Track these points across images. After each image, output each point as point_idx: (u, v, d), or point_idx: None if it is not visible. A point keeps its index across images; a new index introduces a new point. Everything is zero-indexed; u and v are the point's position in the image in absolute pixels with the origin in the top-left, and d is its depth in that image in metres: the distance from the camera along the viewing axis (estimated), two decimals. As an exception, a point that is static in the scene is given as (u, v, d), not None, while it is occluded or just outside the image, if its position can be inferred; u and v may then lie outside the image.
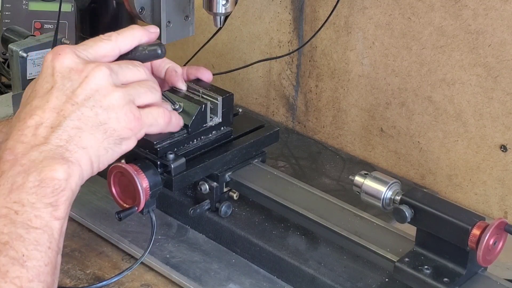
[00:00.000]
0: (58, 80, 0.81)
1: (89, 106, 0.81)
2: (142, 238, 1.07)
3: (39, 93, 0.81)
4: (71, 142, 0.78)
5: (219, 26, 1.12)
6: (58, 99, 0.80)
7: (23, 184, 0.74)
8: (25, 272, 0.71)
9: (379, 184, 0.95)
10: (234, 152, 1.07)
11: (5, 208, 0.73)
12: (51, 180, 0.75)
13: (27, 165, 0.75)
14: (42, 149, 0.76)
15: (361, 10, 1.29)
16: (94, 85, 0.81)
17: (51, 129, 0.78)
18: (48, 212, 0.74)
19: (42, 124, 0.78)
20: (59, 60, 0.82)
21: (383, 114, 1.32)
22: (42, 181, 0.75)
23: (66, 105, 0.80)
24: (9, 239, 0.72)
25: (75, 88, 0.81)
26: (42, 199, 0.74)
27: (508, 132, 1.18)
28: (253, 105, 1.53)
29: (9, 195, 0.74)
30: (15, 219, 0.73)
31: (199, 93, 1.03)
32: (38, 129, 0.78)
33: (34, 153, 0.76)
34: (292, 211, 1.02)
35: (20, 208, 0.73)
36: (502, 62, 1.15)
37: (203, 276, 1.02)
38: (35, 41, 1.31)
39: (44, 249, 0.73)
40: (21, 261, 0.71)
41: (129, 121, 0.84)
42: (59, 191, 0.75)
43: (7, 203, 0.73)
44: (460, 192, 1.26)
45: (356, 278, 0.97)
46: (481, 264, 0.88)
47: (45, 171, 0.75)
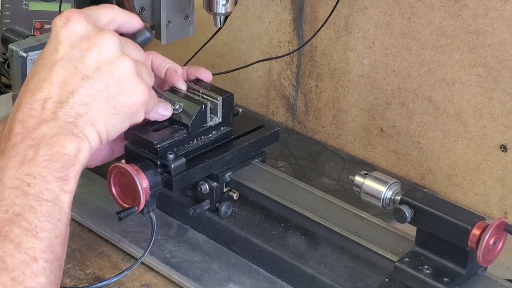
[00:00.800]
0: (67, 50, 0.79)
1: (99, 79, 0.79)
2: (142, 238, 1.07)
3: (48, 63, 0.79)
4: (80, 118, 0.78)
5: (219, 26, 1.12)
6: (66, 71, 0.78)
7: (34, 157, 0.74)
8: (38, 243, 0.72)
9: (379, 184, 0.95)
10: (234, 152, 1.07)
11: (17, 180, 0.73)
12: (62, 156, 0.75)
13: (38, 139, 0.75)
14: (52, 125, 0.76)
15: (361, 10, 1.29)
16: (105, 55, 0.80)
17: (59, 104, 0.77)
18: (59, 185, 0.75)
19: (50, 98, 0.77)
20: (69, 27, 0.80)
21: (383, 114, 1.32)
22: (53, 156, 0.75)
23: (74, 78, 0.78)
24: (22, 211, 0.72)
25: (84, 58, 0.79)
26: (53, 173, 0.75)
27: (508, 132, 1.18)
28: (253, 105, 1.53)
29: (20, 167, 0.74)
30: (27, 190, 0.73)
31: (199, 93, 1.03)
32: (46, 104, 0.77)
33: (44, 128, 0.76)
34: (292, 211, 1.02)
35: (32, 180, 0.74)
36: (502, 62, 1.15)
37: (203, 276, 1.02)
38: (35, 41, 1.31)
39: (55, 221, 0.74)
40: (34, 232, 0.72)
41: (139, 93, 0.83)
42: (69, 166, 0.76)
43: (19, 175, 0.74)
44: (460, 192, 1.26)
45: (356, 278, 0.97)
46: (481, 264, 0.88)
47: (56, 146, 0.75)
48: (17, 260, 0.70)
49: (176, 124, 1.01)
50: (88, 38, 0.80)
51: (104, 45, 0.80)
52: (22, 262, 0.71)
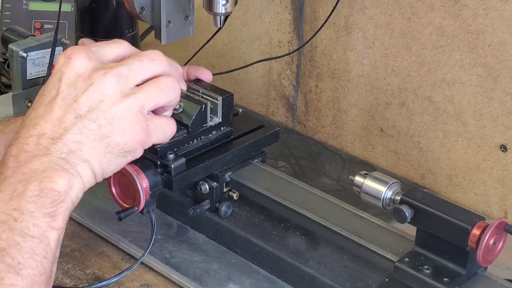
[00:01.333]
0: (64, 88, 0.80)
1: (92, 119, 0.79)
2: (142, 238, 1.07)
3: (45, 100, 0.80)
4: (72, 155, 0.78)
5: (219, 26, 1.12)
6: (61, 109, 0.79)
7: (23, 192, 0.74)
8: (20, 280, 0.71)
9: (379, 184, 0.95)
10: (234, 152, 1.07)
11: (4, 214, 0.73)
12: (51, 191, 0.75)
13: (28, 174, 0.75)
14: (44, 159, 0.76)
15: (361, 10, 1.29)
16: (99, 95, 0.80)
17: (52, 140, 0.77)
18: (46, 222, 0.74)
19: (44, 134, 0.77)
20: (69, 65, 0.80)
21: (383, 114, 1.32)
22: (42, 191, 0.75)
23: (68, 116, 0.78)
24: (6, 246, 0.71)
25: (79, 97, 0.79)
26: (41, 209, 0.74)
27: (508, 132, 1.18)
28: (253, 105, 1.53)
29: (9, 202, 0.74)
30: (13, 226, 0.73)
31: (199, 93, 1.03)
32: (40, 139, 0.77)
33: (36, 163, 0.76)
34: (292, 211, 1.02)
35: (19, 215, 0.73)
36: (502, 62, 1.15)
37: (203, 276, 1.02)
38: (35, 41, 1.31)
39: (39, 259, 0.73)
40: (16, 269, 0.71)
41: (134, 133, 0.82)
42: (58, 202, 0.75)
43: (7, 209, 0.73)
44: (460, 192, 1.26)
45: (356, 278, 0.97)
46: (481, 264, 0.88)
47: (46, 181, 0.75)
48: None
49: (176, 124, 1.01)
50: (84, 77, 0.80)
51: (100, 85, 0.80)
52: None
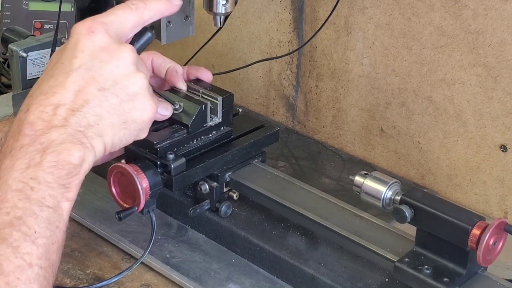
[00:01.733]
0: (88, 59, 0.79)
1: (115, 93, 0.79)
2: (142, 238, 1.07)
3: (65, 68, 0.79)
4: (90, 129, 0.78)
5: (219, 26, 1.12)
6: (84, 80, 0.78)
7: (41, 162, 0.74)
8: (35, 249, 0.72)
9: (379, 184, 0.95)
10: (234, 152, 1.07)
11: (21, 183, 0.73)
12: (68, 164, 0.76)
13: (46, 144, 0.75)
14: (62, 131, 0.76)
15: (361, 10, 1.29)
16: (123, 69, 0.80)
17: (72, 111, 0.77)
18: (61, 193, 0.75)
19: (64, 105, 0.77)
20: (91, 37, 0.80)
21: (383, 114, 1.32)
22: (59, 163, 0.75)
23: (90, 87, 0.78)
24: (23, 214, 0.72)
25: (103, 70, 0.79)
26: (57, 180, 0.75)
27: (508, 132, 1.18)
28: (253, 105, 1.53)
29: (26, 171, 0.74)
30: (30, 195, 0.73)
31: (199, 93, 1.03)
32: (59, 109, 0.77)
33: (54, 134, 0.76)
34: (292, 211, 1.03)
35: (36, 185, 0.74)
36: (502, 62, 1.15)
37: (203, 276, 1.02)
38: (35, 41, 1.31)
39: (53, 228, 0.74)
40: (32, 238, 0.72)
41: (150, 111, 0.83)
42: (73, 174, 0.76)
43: (24, 178, 0.74)
44: (460, 192, 1.26)
45: (356, 278, 0.97)
46: (481, 264, 0.88)
47: (63, 153, 0.75)
48: (13, 264, 0.70)
49: (176, 124, 1.01)
50: (108, 50, 0.80)
51: (123, 59, 0.80)
52: (18, 267, 0.70)
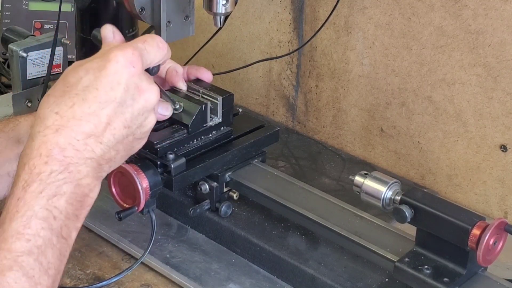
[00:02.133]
0: (122, 94, 0.80)
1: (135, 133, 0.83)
2: (142, 238, 1.07)
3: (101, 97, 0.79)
4: (109, 163, 0.81)
5: (219, 26, 1.12)
6: (115, 115, 0.80)
7: (66, 192, 0.76)
8: (46, 279, 0.73)
9: (379, 184, 0.95)
10: (234, 152, 1.07)
11: (46, 211, 0.74)
12: (84, 196, 0.78)
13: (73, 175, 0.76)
14: (89, 163, 0.78)
15: (361, 10, 1.29)
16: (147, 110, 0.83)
17: (100, 144, 0.79)
18: (73, 223, 0.77)
19: (95, 136, 0.78)
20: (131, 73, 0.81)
21: (383, 114, 1.32)
22: (78, 195, 0.77)
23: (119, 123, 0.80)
24: (43, 244, 0.73)
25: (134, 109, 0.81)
26: (74, 211, 0.76)
27: (508, 132, 1.18)
28: (253, 105, 1.53)
29: (52, 198, 0.75)
30: (52, 224, 0.74)
31: (199, 93, 1.03)
32: (89, 139, 0.78)
33: (82, 165, 0.77)
34: (292, 211, 1.03)
35: (58, 214, 0.75)
36: (502, 62, 1.15)
37: (203, 276, 1.02)
38: (35, 41, 1.31)
39: (62, 259, 0.76)
40: (46, 268, 0.73)
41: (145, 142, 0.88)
42: (86, 205, 0.78)
43: (49, 205, 0.75)
44: (460, 192, 1.26)
45: (356, 278, 0.97)
46: (481, 264, 0.88)
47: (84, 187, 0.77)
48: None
49: (176, 124, 1.01)
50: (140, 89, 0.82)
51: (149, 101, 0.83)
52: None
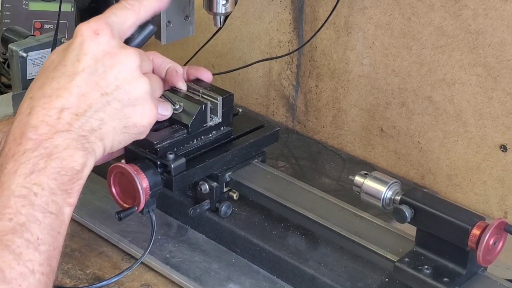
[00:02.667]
0: (91, 63, 0.79)
1: (117, 98, 0.79)
2: (142, 238, 1.07)
3: (68, 70, 0.78)
4: (93, 133, 0.78)
5: (219, 26, 1.12)
6: (87, 85, 0.78)
7: (45, 168, 0.74)
8: (38, 255, 0.72)
9: (379, 184, 0.95)
10: (234, 152, 1.07)
11: (25, 189, 0.73)
12: (71, 170, 0.76)
13: (50, 150, 0.75)
14: (66, 136, 0.76)
15: (361, 10, 1.29)
16: (126, 74, 0.80)
17: (76, 116, 0.77)
18: (63, 198, 0.75)
19: (68, 109, 0.77)
20: (96, 41, 0.79)
21: (383, 114, 1.32)
22: (62, 169, 0.75)
23: (94, 92, 0.78)
24: (26, 221, 0.72)
25: (106, 75, 0.79)
26: (60, 186, 0.75)
27: (508, 132, 1.18)
28: (253, 105, 1.53)
29: (29, 176, 0.74)
30: (33, 201, 0.73)
31: (199, 93, 1.03)
32: (63, 113, 0.76)
33: (58, 139, 0.75)
34: (292, 211, 1.02)
35: (39, 191, 0.73)
36: (502, 62, 1.15)
37: (203, 276, 1.02)
38: (35, 41, 1.31)
39: (55, 234, 0.74)
40: (35, 244, 0.72)
41: (150, 116, 0.83)
42: (75, 180, 0.76)
43: (27, 183, 0.73)
44: (460, 192, 1.26)
45: (356, 278, 0.97)
46: (481, 264, 0.88)
47: (67, 160, 0.75)
48: (16, 271, 0.70)
49: (176, 124, 1.01)
50: (112, 54, 0.80)
51: (126, 64, 0.80)
52: (20, 274, 0.70)
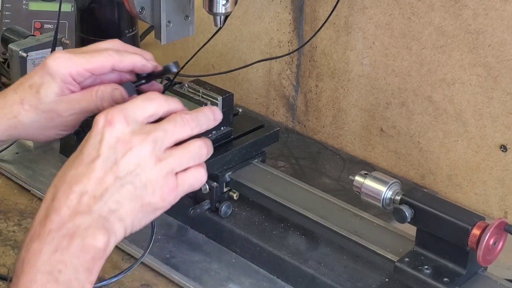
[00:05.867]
0: (105, 150, 0.83)
1: (129, 181, 0.84)
2: (142, 238, 1.07)
3: (85, 160, 0.83)
4: (111, 214, 0.82)
5: (219, 26, 1.12)
6: (102, 170, 0.83)
7: (68, 247, 0.78)
8: None
9: (379, 184, 0.95)
10: (234, 152, 1.07)
11: (49, 266, 0.77)
12: (93, 248, 0.79)
13: (73, 230, 0.79)
14: (86, 217, 0.80)
15: (361, 10, 1.29)
16: (137, 159, 0.84)
17: (94, 199, 0.81)
18: (86, 276, 0.78)
19: (87, 192, 0.81)
20: (109, 129, 0.84)
21: (383, 114, 1.32)
22: (85, 247, 0.79)
23: (108, 176, 0.83)
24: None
25: (119, 160, 0.83)
26: (83, 264, 0.78)
27: (508, 132, 1.18)
28: (253, 105, 1.53)
29: (54, 254, 0.77)
30: (58, 277, 0.77)
31: (199, 93, 1.03)
32: (83, 197, 0.81)
33: (79, 220, 0.80)
34: (292, 211, 1.02)
35: (63, 268, 0.77)
36: (502, 62, 1.15)
37: (203, 276, 1.02)
38: (35, 41, 1.31)
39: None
40: None
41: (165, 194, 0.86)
42: (97, 258, 0.79)
43: (52, 261, 0.77)
44: (460, 192, 1.26)
45: (356, 278, 0.97)
46: (481, 264, 0.88)
47: (89, 238, 0.79)
48: None
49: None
50: (124, 141, 0.84)
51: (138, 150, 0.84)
52: None
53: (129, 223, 0.84)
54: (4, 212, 1.16)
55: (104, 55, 0.95)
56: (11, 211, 1.17)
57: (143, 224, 0.87)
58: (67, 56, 0.96)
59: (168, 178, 0.86)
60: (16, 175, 1.24)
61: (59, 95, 0.96)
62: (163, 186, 0.86)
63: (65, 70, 0.95)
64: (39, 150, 1.31)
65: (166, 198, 0.86)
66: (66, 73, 0.95)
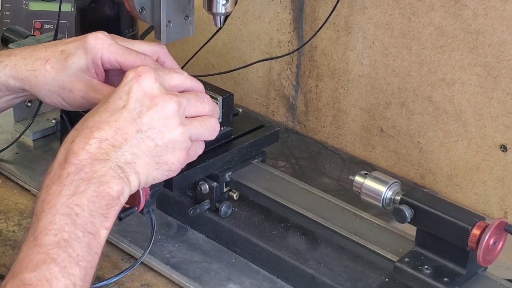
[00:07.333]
0: (131, 102, 0.86)
1: (150, 136, 0.86)
2: (142, 238, 1.08)
3: (110, 108, 0.86)
4: (127, 165, 0.84)
5: (219, 26, 1.12)
6: (125, 120, 0.85)
7: (85, 191, 0.80)
8: (78, 270, 0.76)
9: (379, 184, 0.95)
10: (234, 152, 1.07)
11: (68, 208, 0.79)
12: (107, 195, 0.81)
13: (90, 175, 0.81)
14: (103, 164, 0.82)
15: (361, 10, 1.29)
16: (161, 116, 0.86)
17: (113, 147, 0.83)
18: (100, 221, 0.80)
19: (107, 140, 0.83)
20: (138, 82, 0.87)
21: (383, 114, 1.32)
22: (100, 194, 0.81)
23: (130, 128, 0.85)
24: (69, 238, 0.77)
25: (143, 114, 0.86)
26: (98, 209, 0.80)
27: (508, 132, 1.18)
28: (253, 105, 1.53)
29: (72, 197, 0.79)
30: (75, 220, 0.78)
31: (199, 93, 1.03)
32: (102, 143, 0.83)
33: (97, 166, 0.82)
34: (292, 211, 1.03)
35: (80, 211, 0.79)
36: (502, 62, 1.15)
37: (203, 276, 1.02)
38: (35, 41, 1.31)
39: (92, 253, 0.79)
40: (76, 260, 0.77)
41: (181, 156, 0.89)
42: (111, 206, 0.81)
43: (70, 203, 0.79)
44: (460, 192, 1.26)
45: (356, 278, 0.97)
46: (481, 264, 0.88)
47: (104, 185, 0.81)
48: (61, 283, 0.75)
49: None
50: (151, 96, 0.87)
51: (163, 108, 0.87)
52: (64, 286, 0.75)
53: (143, 178, 0.86)
54: (4, 212, 1.16)
55: (140, 58, 0.97)
56: (11, 211, 1.17)
57: (156, 181, 0.89)
58: (108, 40, 0.97)
59: (186, 143, 0.89)
60: (16, 175, 1.24)
61: (83, 71, 0.98)
62: (181, 150, 0.88)
63: (99, 52, 0.97)
64: (39, 150, 1.32)
65: (181, 161, 0.89)
66: (99, 55, 0.97)
